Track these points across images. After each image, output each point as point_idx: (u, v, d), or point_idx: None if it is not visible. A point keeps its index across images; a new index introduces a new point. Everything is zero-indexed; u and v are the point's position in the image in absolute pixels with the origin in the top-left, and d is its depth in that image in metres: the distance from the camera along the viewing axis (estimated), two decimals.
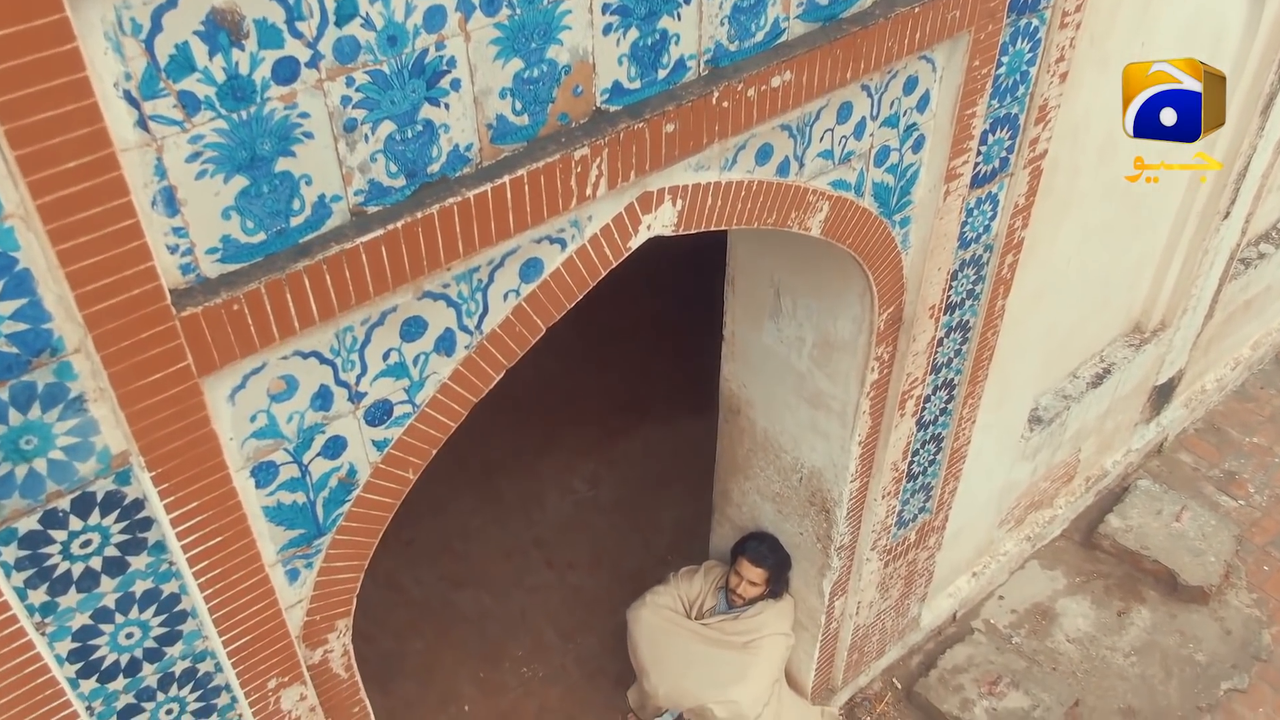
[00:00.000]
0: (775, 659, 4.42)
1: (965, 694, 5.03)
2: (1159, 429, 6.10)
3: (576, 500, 5.75)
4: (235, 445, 2.12)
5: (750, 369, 4.11)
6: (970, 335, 3.87)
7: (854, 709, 5.07)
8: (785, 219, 2.86)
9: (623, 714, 4.85)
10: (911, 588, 4.80)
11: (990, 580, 5.47)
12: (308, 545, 2.39)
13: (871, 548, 4.26)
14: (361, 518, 2.44)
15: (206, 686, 2.39)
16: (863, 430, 3.80)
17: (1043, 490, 5.47)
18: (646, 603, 4.54)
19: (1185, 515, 5.77)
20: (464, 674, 4.99)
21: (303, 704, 2.58)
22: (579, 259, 2.45)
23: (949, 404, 4.05)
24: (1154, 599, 5.58)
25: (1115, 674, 5.26)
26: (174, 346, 1.85)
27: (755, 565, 4.32)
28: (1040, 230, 3.84)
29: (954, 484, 4.47)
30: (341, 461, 2.32)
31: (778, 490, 4.31)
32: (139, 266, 1.75)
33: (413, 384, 2.34)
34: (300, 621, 2.50)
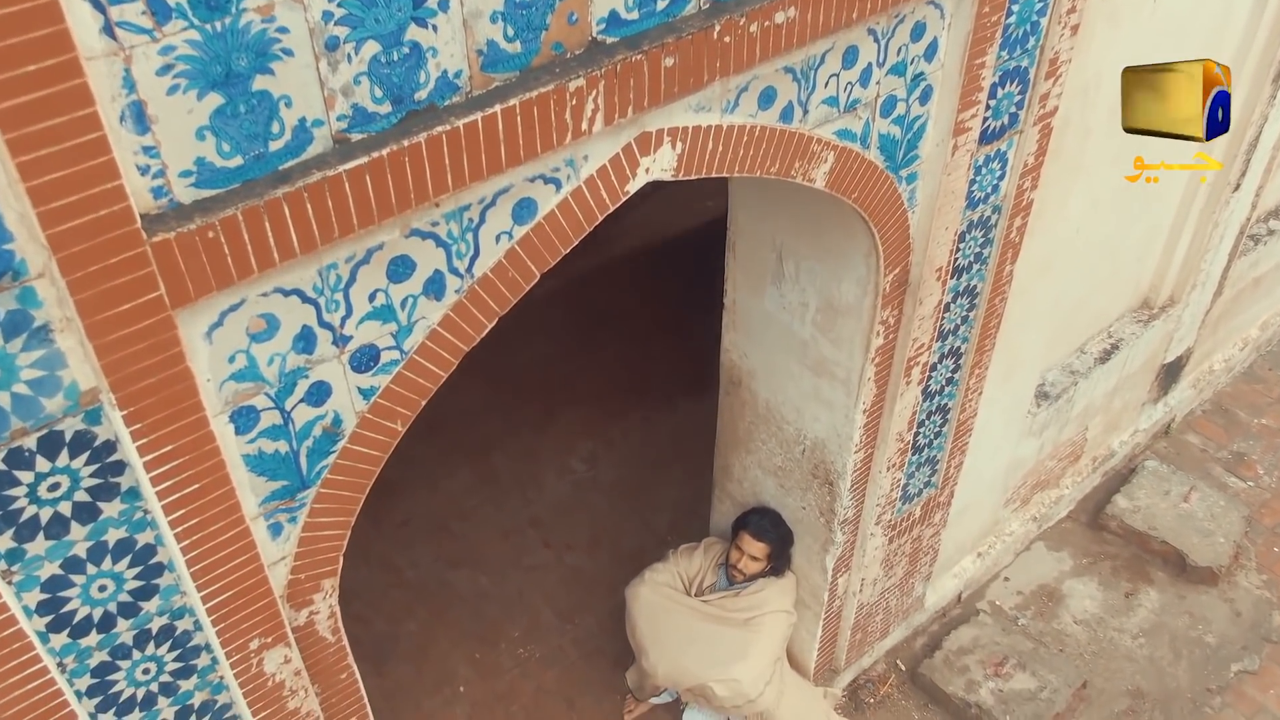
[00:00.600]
0: (777, 636, 4.32)
1: (971, 675, 4.93)
2: (1166, 409, 6.00)
3: (575, 480, 5.65)
4: (213, 387, 2.02)
5: (751, 338, 4.01)
6: (978, 302, 3.77)
7: (857, 690, 4.97)
8: (789, 169, 2.76)
9: (621, 695, 4.76)
10: (916, 566, 4.70)
11: (996, 561, 5.37)
12: (291, 498, 2.29)
13: (876, 522, 4.16)
14: (348, 471, 2.34)
15: (185, 646, 2.29)
16: (867, 398, 3.70)
17: (1049, 469, 5.37)
18: (645, 580, 4.44)
19: (1194, 496, 5.67)
20: (459, 655, 4.89)
21: (287, 667, 2.47)
22: (574, 201, 2.35)
23: (955, 374, 3.95)
24: (1162, 580, 5.48)
25: (1123, 656, 5.16)
26: (145, 274, 1.75)
27: (757, 539, 4.22)
28: (1049, 194, 3.74)
29: (960, 458, 4.37)
30: (326, 409, 2.22)
31: (780, 464, 4.21)
32: (106, 185, 1.65)
33: (400, 329, 2.24)
34: (284, 580, 2.39)
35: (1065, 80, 3.32)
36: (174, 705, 2.36)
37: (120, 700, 2.26)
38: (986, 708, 4.80)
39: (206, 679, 2.38)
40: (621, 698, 4.74)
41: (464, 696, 4.75)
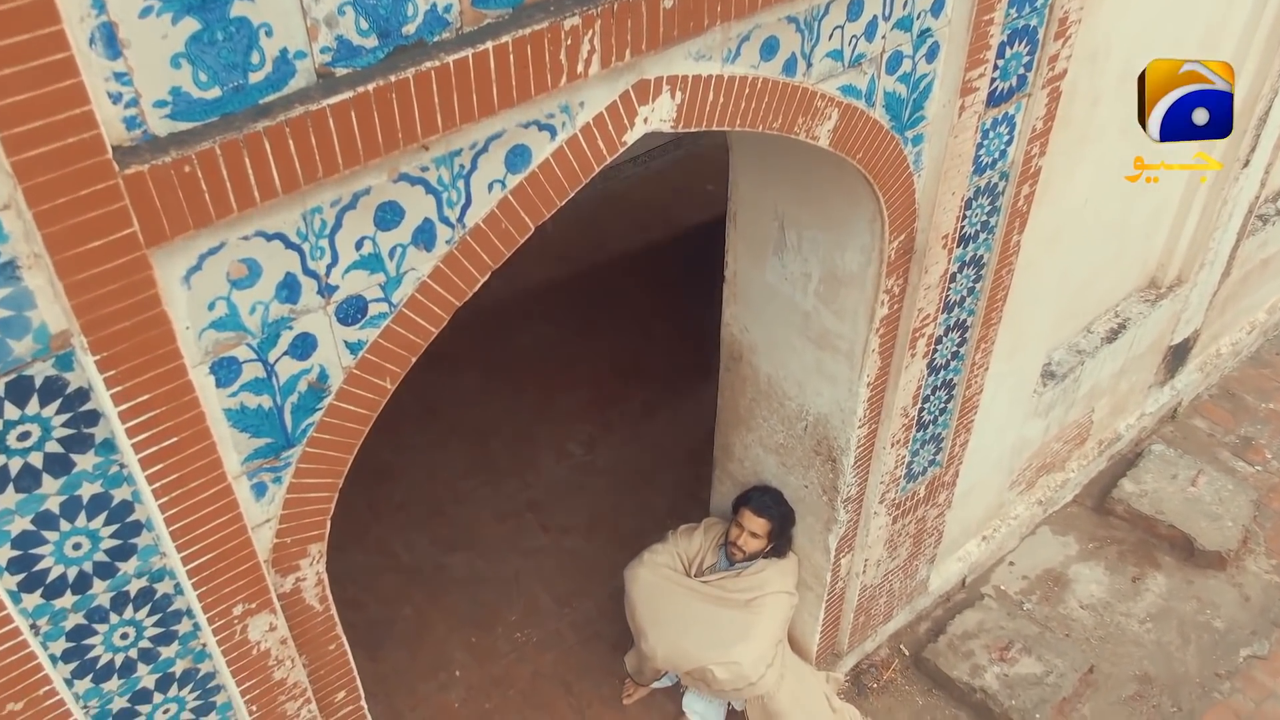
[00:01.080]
0: (778, 618, 4.23)
1: (976, 660, 4.85)
2: (1173, 393, 5.92)
3: (572, 464, 5.57)
4: (192, 335, 1.93)
5: (753, 311, 3.92)
6: (984, 273, 3.69)
7: (860, 675, 4.88)
8: (792, 124, 2.68)
9: (620, 679, 4.67)
10: (920, 547, 4.61)
11: (1000, 545, 5.29)
12: (275, 457, 2.20)
13: (879, 501, 4.07)
14: (334, 430, 2.25)
15: (165, 610, 2.21)
16: (871, 371, 3.61)
17: (1055, 452, 5.28)
18: (644, 561, 4.35)
19: (1201, 480, 5.58)
20: (455, 639, 4.81)
21: (272, 635, 2.39)
22: (570, 150, 2.27)
23: (961, 347, 3.87)
24: (1170, 565, 5.40)
25: (1130, 641, 5.07)
26: (118, 209, 1.67)
27: (758, 515, 4.14)
28: (1057, 164, 3.66)
29: (965, 436, 4.28)
30: (311, 363, 2.14)
31: (781, 441, 4.12)
32: (75, 110, 1.56)
33: (389, 280, 2.15)
34: (269, 544, 2.31)
35: (1074, 42, 3.24)
36: (154, 673, 2.28)
37: (98, 666, 2.17)
38: (991, 692, 4.71)
39: (188, 646, 2.29)
40: (620, 682, 4.65)
41: (460, 681, 4.66)
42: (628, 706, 4.59)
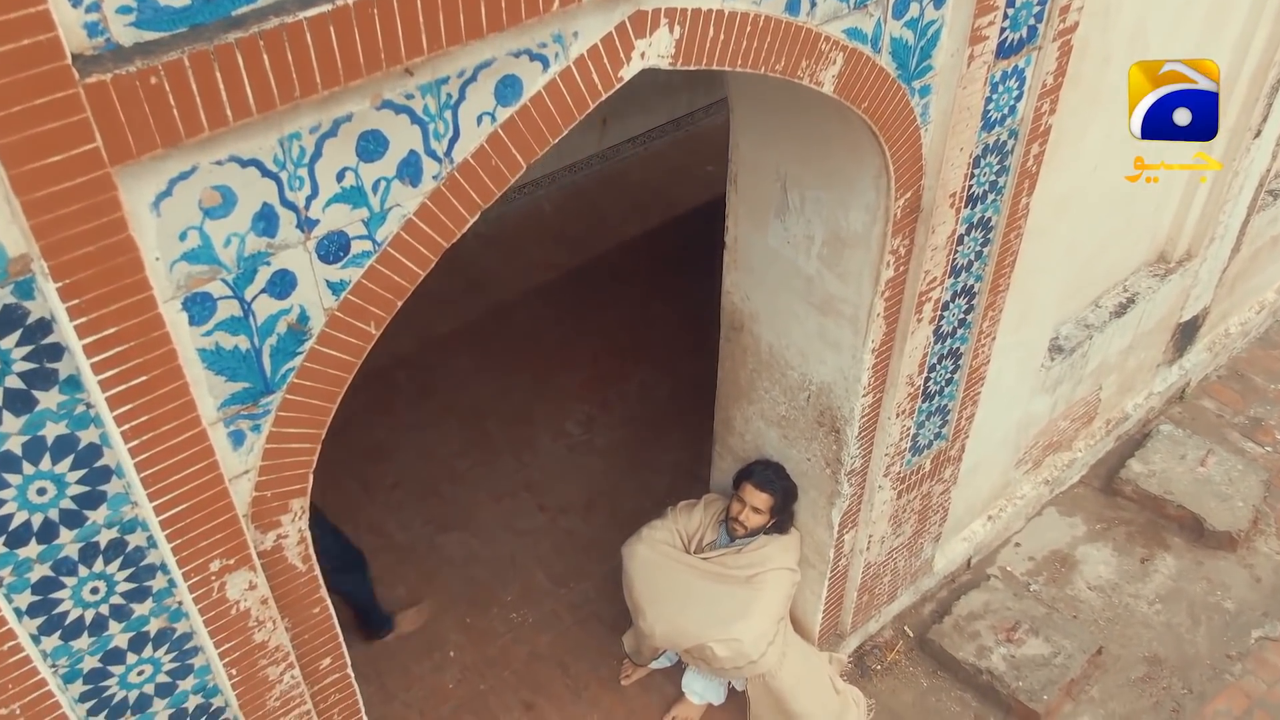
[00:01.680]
0: (780, 595, 4.12)
1: (982, 641, 4.74)
2: (1181, 372, 5.81)
3: (570, 444, 5.46)
4: (162, 268, 1.83)
5: (754, 278, 3.82)
6: (992, 236, 3.58)
7: (863, 657, 4.78)
8: (795, 67, 2.57)
9: (618, 659, 4.56)
10: (925, 525, 4.51)
11: (1007, 525, 5.18)
12: (254, 403, 2.10)
13: (884, 474, 3.97)
14: (316, 376, 2.15)
15: (138, 564, 2.10)
16: (876, 336, 3.51)
17: (1062, 430, 5.18)
18: (642, 537, 4.25)
19: (1211, 460, 5.48)
20: (450, 619, 4.70)
21: (252, 594, 2.28)
22: (563, 83, 2.16)
23: (968, 315, 3.76)
24: (1179, 546, 5.29)
25: (1140, 622, 4.97)
26: (78, 122, 1.56)
27: (760, 490, 4.03)
28: (1067, 125, 3.56)
29: (971, 409, 4.18)
30: (291, 303, 2.03)
31: (783, 413, 4.02)
32: (30, 9, 1.45)
33: (373, 215, 2.05)
34: (248, 497, 2.20)
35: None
36: (127, 631, 2.17)
37: (66, 622, 2.07)
38: (998, 674, 4.61)
39: (163, 604, 2.19)
40: (618, 662, 4.55)
41: (454, 661, 4.56)
42: (625, 687, 4.49)
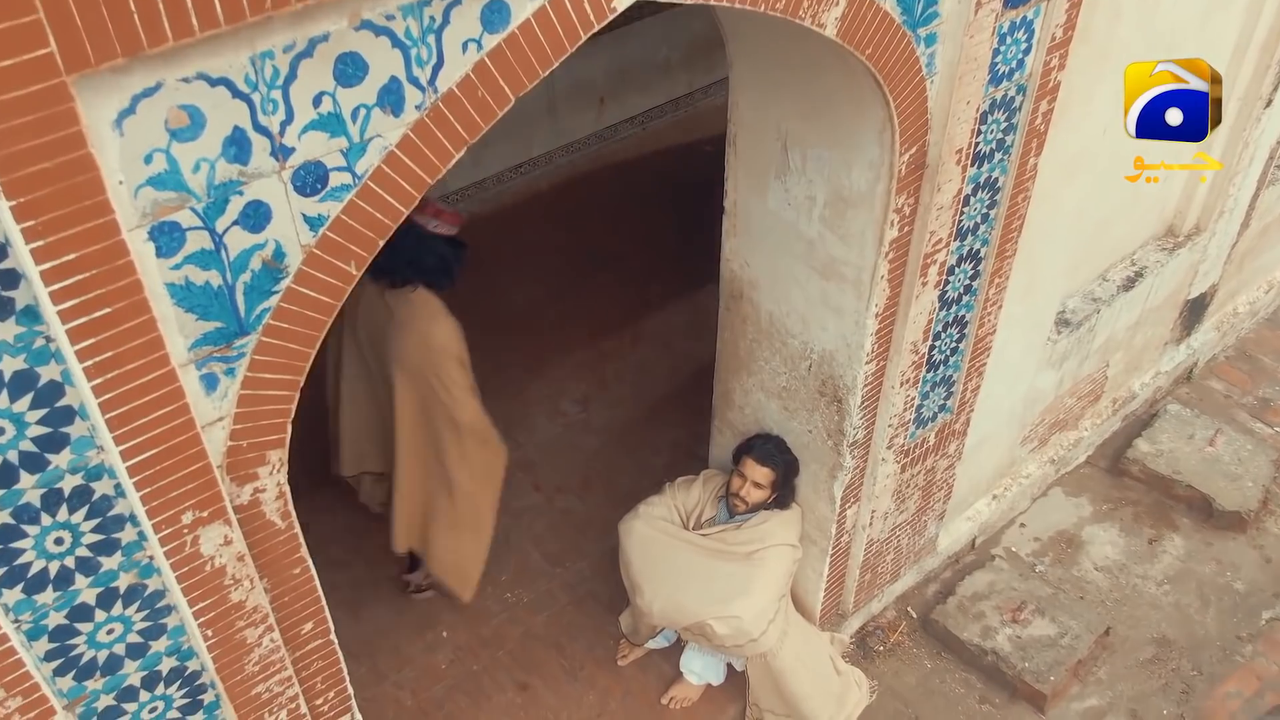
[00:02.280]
0: (781, 571, 4.02)
1: (987, 621, 4.64)
2: (1189, 352, 5.71)
3: (566, 423, 5.36)
4: (126, 192, 1.72)
5: (754, 243, 3.71)
6: (999, 198, 3.48)
7: (865, 638, 4.67)
8: (796, 7, 2.47)
9: (615, 639, 4.46)
10: (930, 502, 4.40)
11: (1012, 505, 5.08)
12: (227, 345, 1.99)
13: (888, 446, 3.86)
14: (293, 318, 2.04)
15: (105, 514, 2.00)
16: (880, 300, 3.40)
17: (1068, 408, 5.08)
18: (639, 514, 4.15)
19: (1219, 439, 5.38)
20: (443, 600, 4.59)
21: (228, 550, 2.18)
22: (553, 11, 2.05)
23: (974, 281, 3.66)
24: (1187, 526, 5.19)
25: (1148, 603, 4.86)
26: (31, 23, 1.46)
27: (761, 464, 3.92)
28: (1076, 83, 3.46)
29: (977, 381, 4.07)
30: (265, 237, 1.93)
31: (784, 384, 3.91)
32: None
33: (352, 146, 1.94)
34: (222, 446, 2.10)
35: None
36: (95, 586, 2.07)
37: (29, 574, 1.97)
38: (1004, 654, 4.51)
39: (133, 558, 2.08)
40: (615, 643, 4.44)
41: (447, 641, 4.45)
42: (622, 667, 4.38)
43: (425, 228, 3.70)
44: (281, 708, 2.52)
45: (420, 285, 3.76)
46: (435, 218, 3.73)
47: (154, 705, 2.31)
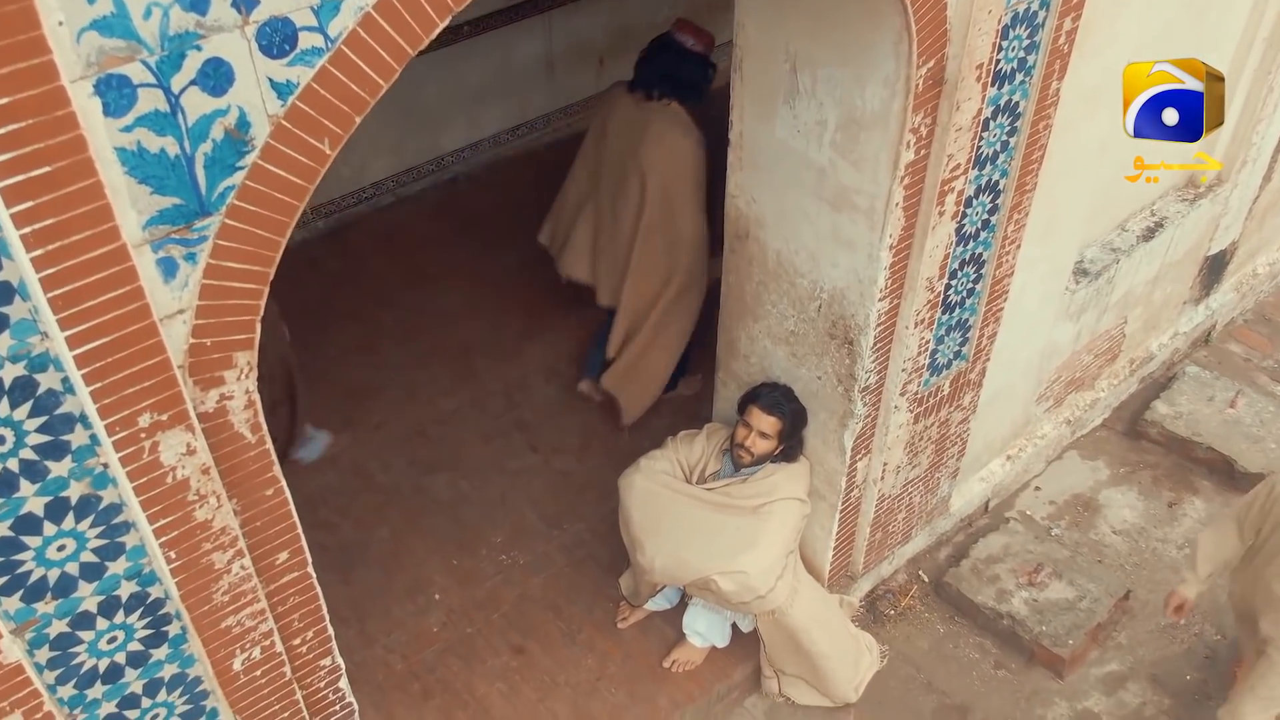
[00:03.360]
0: (789, 526, 3.83)
1: (1002, 584, 4.45)
2: (1208, 312, 5.53)
3: (563, 383, 5.17)
4: (67, 35, 1.54)
5: (761, 177, 3.53)
6: (1019, 125, 3.30)
7: (875, 602, 4.49)
8: None
9: (614, 602, 4.27)
10: (943, 457, 4.22)
11: (1026, 467, 4.90)
12: (187, 225, 1.81)
13: (900, 392, 3.68)
14: (260, 199, 1.86)
15: (52, 411, 1.81)
16: (894, 232, 3.22)
17: (1085, 365, 4.89)
18: (640, 468, 3.96)
19: (1240, 401, 5.20)
20: (435, 562, 4.41)
21: (191, 461, 1.99)
22: None
23: (992, 216, 3.48)
24: (1208, 489, 5.01)
25: (1168, 566, 4.68)
26: None
27: (768, 413, 3.74)
28: (1101, 5, 3.27)
29: (994, 327, 3.89)
30: (227, 102, 1.74)
31: (792, 328, 3.73)
32: None
33: (323, 3, 1.76)
34: (184, 343, 1.91)
35: None
36: (43, 495, 1.88)
37: None
38: (1020, 618, 4.33)
39: (84, 464, 1.90)
40: (614, 605, 4.26)
41: (439, 604, 4.27)
42: (622, 630, 4.20)
43: (683, 44, 4.11)
44: (254, 644, 2.34)
45: (674, 100, 4.13)
46: (692, 36, 4.13)
47: (113, 635, 2.12)
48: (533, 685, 4.02)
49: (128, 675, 2.19)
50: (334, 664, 2.64)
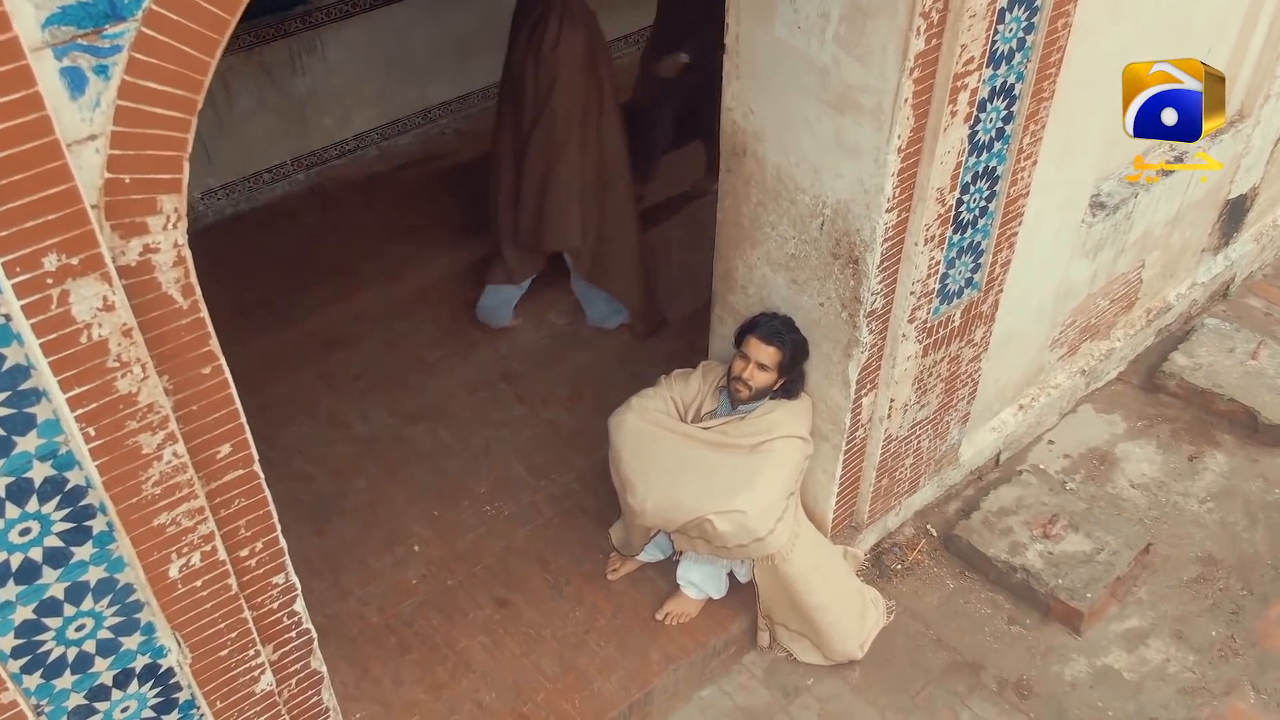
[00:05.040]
0: (790, 465, 3.59)
1: (1015, 537, 4.21)
2: (1227, 263, 5.29)
3: (553, 333, 4.93)
4: None
5: (758, 85, 3.29)
6: (1037, 22, 3.06)
7: (881, 556, 4.24)
8: None
9: (604, 553, 4.02)
10: (953, 398, 3.98)
11: (1039, 418, 4.65)
12: (95, 31, 1.57)
13: (909, 319, 3.44)
14: (185, 8, 1.62)
15: None
16: (903, 132, 2.98)
17: (1100, 311, 4.65)
18: (632, 406, 3.73)
19: (1263, 352, 4.96)
20: (415, 513, 4.17)
21: (109, 318, 1.75)
22: None
23: (1007, 125, 3.24)
24: (1230, 443, 4.76)
25: (1190, 521, 4.44)
26: None
27: (767, 343, 3.50)
28: None
29: (1007, 254, 3.65)
30: None
31: (793, 250, 3.49)
32: None
33: None
34: (98, 176, 1.67)
35: None
36: None
37: None
38: (1034, 571, 4.08)
39: None
40: (604, 557, 4.01)
41: (419, 556, 4.02)
42: (612, 582, 3.95)
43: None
44: (193, 549, 2.09)
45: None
46: None
47: (26, 526, 1.87)
48: (516, 639, 3.77)
49: (46, 576, 1.95)
50: (288, 582, 2.39)
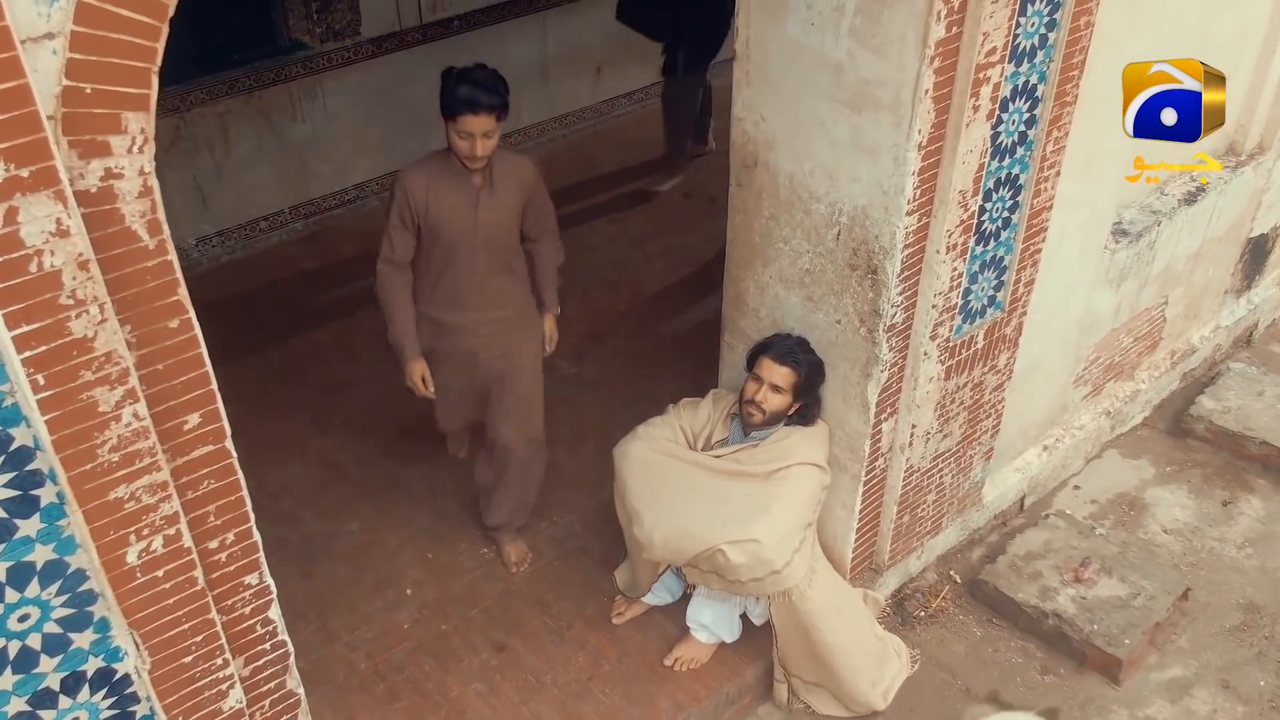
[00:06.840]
0: (806, 494, 3.37)
1: (1045, 581, 3.96)
2: (1250, 307, 5.13)
3: (557, 377, 4.72)
4: None
5: (770, 91, 3.17)
6: (1059, 17, 2.95)
7: (903, 602, 3.99)
8: None
9: (608, 597, 3.78)
10: (976, 430, 3.77)
11: (1063, 462, 4.44)
12: None
13: (930, 336, 3.27)
14: None
15: None
16: (923, 128, 2.85)
17: (1124, 350, 4.47)
18: (638, 434, 3.53)
19: None
20: (408, 555, 3.93)
21: (63, 246, 1.57)
22: None
23: (1030, 128, 3.11)
24: (1264, 487, 4.54)
25: (1228, 566, 4.19)
26: None
27: (780, 363, 3.31)
28: None
29: (1031, 272, 3.49)
30: None
31: (807, 265, 3.33)
32: None
33: None
34: (55, 83, 1.51)
35: None
36: None
37: None
38: (1067, 617, 3.82)
39: None
40: (609, 600, 3.77)
41: (411, 600, 3.77)
42: (618, 626, 3.69)
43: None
44: (155, 531, 1.87)
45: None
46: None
47: None
48: (515, 685, 3.51)
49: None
50: (262, 584, 2.17)
